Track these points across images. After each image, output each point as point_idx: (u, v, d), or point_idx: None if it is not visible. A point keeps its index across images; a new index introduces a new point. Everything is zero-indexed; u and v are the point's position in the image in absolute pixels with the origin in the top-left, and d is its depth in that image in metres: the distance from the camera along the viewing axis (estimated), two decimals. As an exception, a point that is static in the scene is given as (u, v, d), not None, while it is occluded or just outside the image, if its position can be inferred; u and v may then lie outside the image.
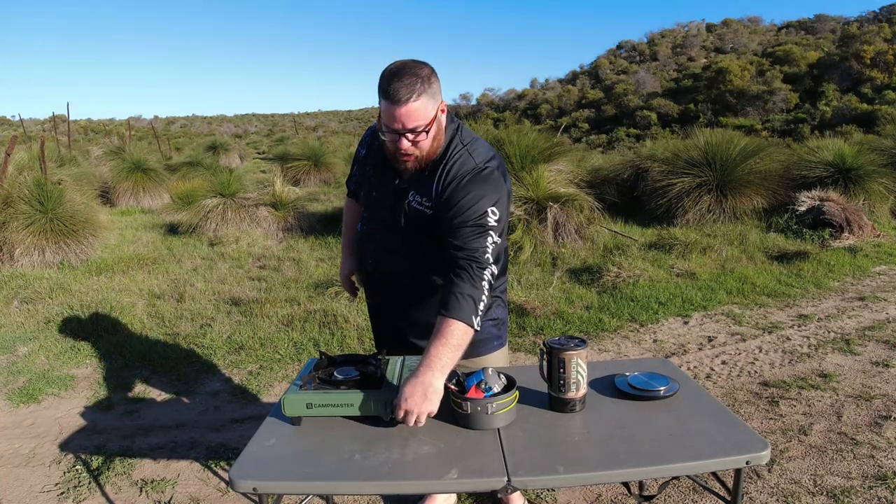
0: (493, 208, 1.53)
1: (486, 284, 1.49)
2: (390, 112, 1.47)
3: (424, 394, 1.36)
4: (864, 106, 21.78)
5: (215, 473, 2.48)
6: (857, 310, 4.21)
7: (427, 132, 1.51)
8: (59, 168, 9.17)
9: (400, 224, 1.65)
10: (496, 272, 1.53)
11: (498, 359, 1.83)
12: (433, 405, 1.37)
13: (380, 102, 1.49)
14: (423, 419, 1.37)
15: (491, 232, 1.52)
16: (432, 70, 1.51)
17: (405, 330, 1.82)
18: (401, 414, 1.36)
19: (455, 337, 1.42)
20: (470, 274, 1.48)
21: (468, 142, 1.62)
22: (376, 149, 1.73)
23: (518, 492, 1.88)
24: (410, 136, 1.50)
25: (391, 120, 1.48)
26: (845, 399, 2.91)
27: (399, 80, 1.44)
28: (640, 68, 37.49)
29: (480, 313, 1.47)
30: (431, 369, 1.38)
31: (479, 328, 1.48)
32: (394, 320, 1.84)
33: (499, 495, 1.85)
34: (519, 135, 6.92)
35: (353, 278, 2.08)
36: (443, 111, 1.55)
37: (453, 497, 2.16)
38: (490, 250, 1.51)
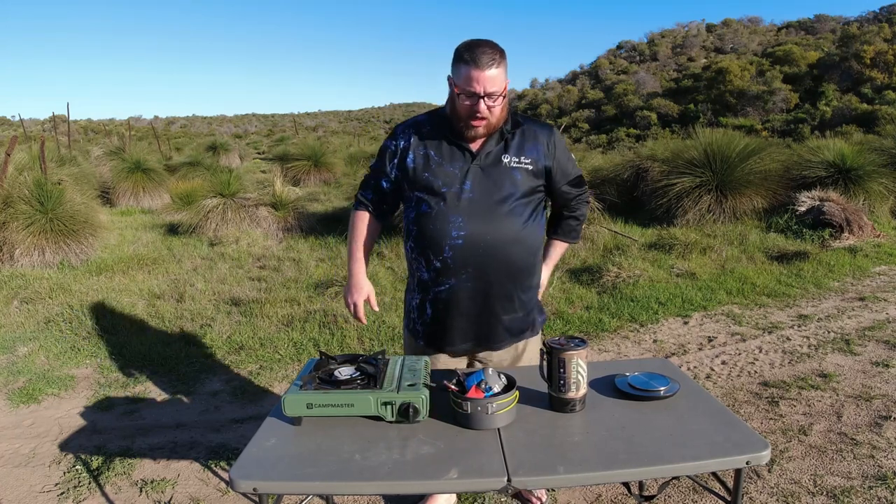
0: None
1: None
2: (472, 75, 1.61)
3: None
4: (864, 106, 21.75)
5: (215, 473, 2.48)
6: (857, 310, 4.21)
7: (502, 97, 1.67)
8: (59, 168, 9.15)
9: (500, 188, 1.74)
10: None
11: (539, 342, 1.96)
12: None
13: (457, 70, 1.65)
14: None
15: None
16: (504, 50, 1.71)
17: (492, 305, 1.77)
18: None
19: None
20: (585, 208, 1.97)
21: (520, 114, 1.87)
22: (427, 133, 1.79)
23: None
24: (488, 100, 1.64)
25: (472, 83, 1.62)
26: (845, 399, 2.91)
27: (481, 49, 1.62)
28: (640, 68, 37.47)
29: None
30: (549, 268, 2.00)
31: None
32: (481, 297, 1.76)
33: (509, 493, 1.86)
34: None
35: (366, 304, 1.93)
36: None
37: (454, 497, 2.17)
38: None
